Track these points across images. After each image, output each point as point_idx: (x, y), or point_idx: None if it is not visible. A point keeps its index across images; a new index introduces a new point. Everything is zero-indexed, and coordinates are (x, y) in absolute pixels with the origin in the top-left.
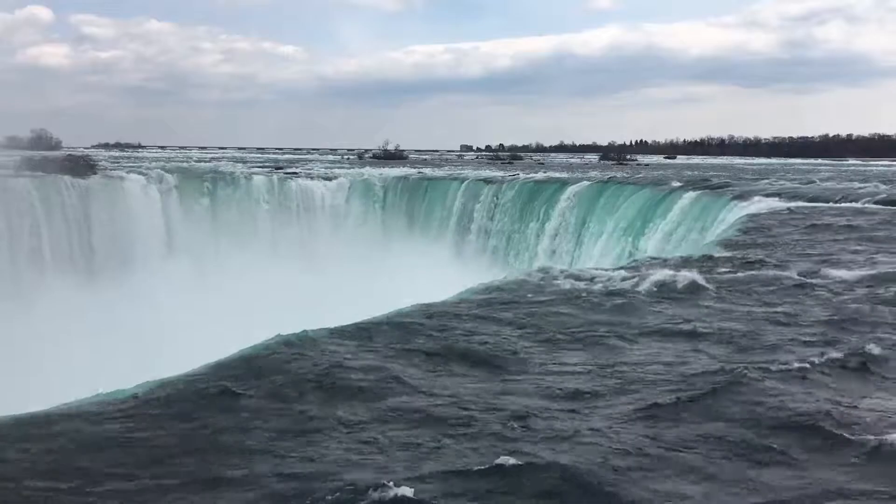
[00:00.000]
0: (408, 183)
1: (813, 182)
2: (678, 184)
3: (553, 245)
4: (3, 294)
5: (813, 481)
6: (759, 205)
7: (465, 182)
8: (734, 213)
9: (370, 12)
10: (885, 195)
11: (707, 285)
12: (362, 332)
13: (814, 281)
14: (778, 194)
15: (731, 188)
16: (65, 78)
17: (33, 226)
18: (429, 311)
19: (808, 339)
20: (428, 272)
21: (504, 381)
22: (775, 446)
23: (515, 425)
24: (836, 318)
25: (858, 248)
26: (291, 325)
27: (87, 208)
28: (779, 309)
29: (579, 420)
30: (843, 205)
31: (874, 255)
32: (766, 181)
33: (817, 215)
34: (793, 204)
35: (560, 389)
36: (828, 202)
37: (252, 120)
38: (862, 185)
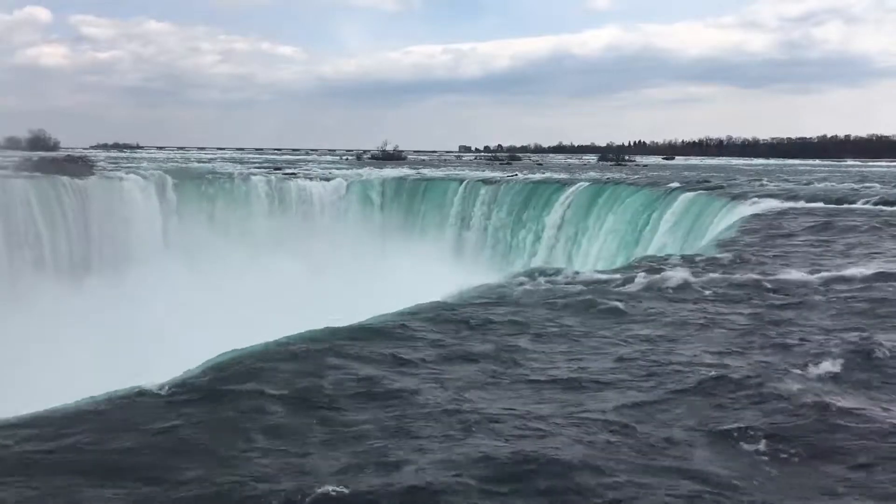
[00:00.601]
0: (406, 183)
1: (811, 183)
2: (676, 185)
3: (551, 246)
4: (1, 295)
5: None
6: (757, 206)
7: (464, 183)
8: (732, 215)
9: (369, 13)
10: (879, 196)
11: (696, 287)
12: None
13: (806, 283)
14: (776, 195)
15: (728, 189)
16: (63, 78)
17: (31, 226)
18: (415, 315)
19: (784, 342)
20: (426, 272)
21: (474, 381)
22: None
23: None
24: (822, 320)
25: (852, 249)
26: (289, 326)
27: (86, 209)
28: (761, 311)
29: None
30: (840, 206)
31: (867, 256)
32: (764, 182)
33: (815, 217)
34: (790, 205)
35: (521, 390)
36: (825, 203)
37: (251, 120)
38: (857, 185)
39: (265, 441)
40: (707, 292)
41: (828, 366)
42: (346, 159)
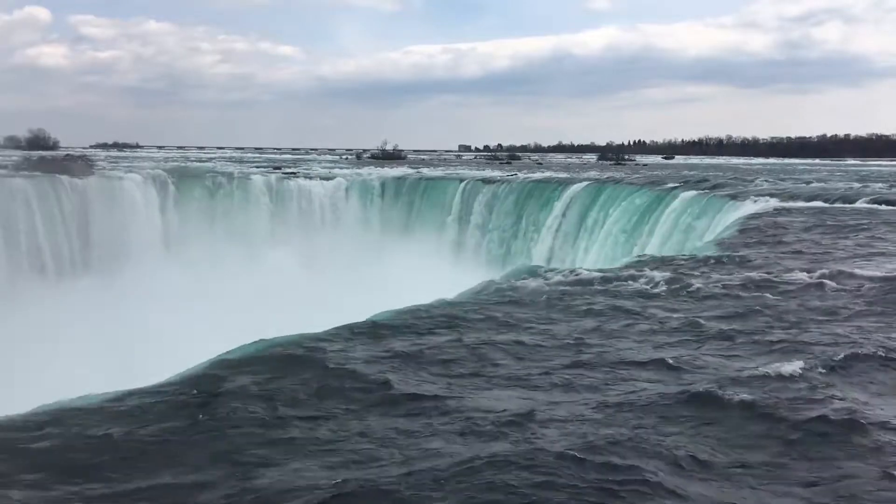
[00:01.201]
0: (406, 183)
1: (811, 182)
2: (675, 184)
3: (551, 245)
4: (0, 294)
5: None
6: (756, 206)
7: (464, 182)
8: (731, 214)
9: (368, 13)
10: (874, 196)
11: (692, 287)
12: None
13: (802, 282)
14: (774, 195)
15: (728, 188)
16: (63, 78)
17: (30, 226)
18: (413, 315)
19: (773, 341)
20: (426, 272)
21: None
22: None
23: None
24: (812, 319)
25: (850, 247)
26: (288, 326)
27: (85, 208)
28: (753, 310)
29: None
30: (840, 205)
31: (866, 255)
32: (762, 182)
33: (814, 216)
34: (789, 204)
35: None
36: (825, 202)
37: (250, 120)
38: (852, 184)
39: (260, 442)
40: (686, 291)
41: (775, 365)
42: (346, 159)
